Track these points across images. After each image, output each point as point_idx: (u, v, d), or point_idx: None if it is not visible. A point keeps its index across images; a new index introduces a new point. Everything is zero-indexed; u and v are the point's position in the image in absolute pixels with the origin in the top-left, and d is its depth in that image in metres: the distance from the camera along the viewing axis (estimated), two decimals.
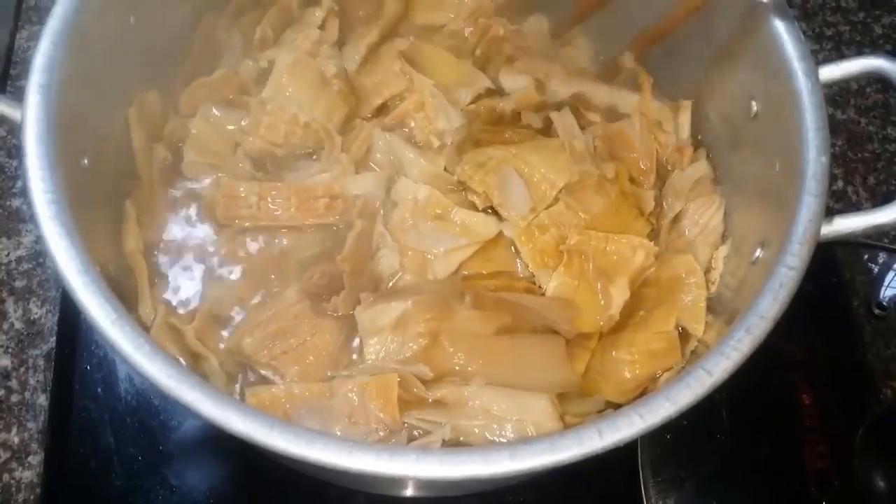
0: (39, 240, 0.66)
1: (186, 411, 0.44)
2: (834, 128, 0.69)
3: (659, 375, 0.60)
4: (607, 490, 0.69)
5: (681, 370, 0.58)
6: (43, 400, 0.72)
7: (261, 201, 0.63)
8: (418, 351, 0.57)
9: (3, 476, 0.69)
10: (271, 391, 0.55)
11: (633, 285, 0.63)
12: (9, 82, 0.87)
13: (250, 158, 0.66)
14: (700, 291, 0.63)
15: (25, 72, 0.53)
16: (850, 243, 0.78)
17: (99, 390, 0.72)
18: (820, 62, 0.58)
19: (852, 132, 0.91)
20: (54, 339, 0.74)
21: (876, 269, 0.79)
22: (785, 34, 0.59)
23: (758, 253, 0.58)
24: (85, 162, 0.56)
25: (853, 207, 0.86)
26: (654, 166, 0.69)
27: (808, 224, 0.52)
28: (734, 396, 0.65)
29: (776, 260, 0.51)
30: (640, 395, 0.57)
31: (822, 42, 0.97)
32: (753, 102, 0.62)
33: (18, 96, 0.52)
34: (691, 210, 0.67)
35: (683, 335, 0.62)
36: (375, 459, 0.42)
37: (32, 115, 0.51)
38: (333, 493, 0.69)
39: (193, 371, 0.51)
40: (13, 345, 0.75)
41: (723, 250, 0.65)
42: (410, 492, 0.66)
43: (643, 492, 0.66)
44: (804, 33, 0.59)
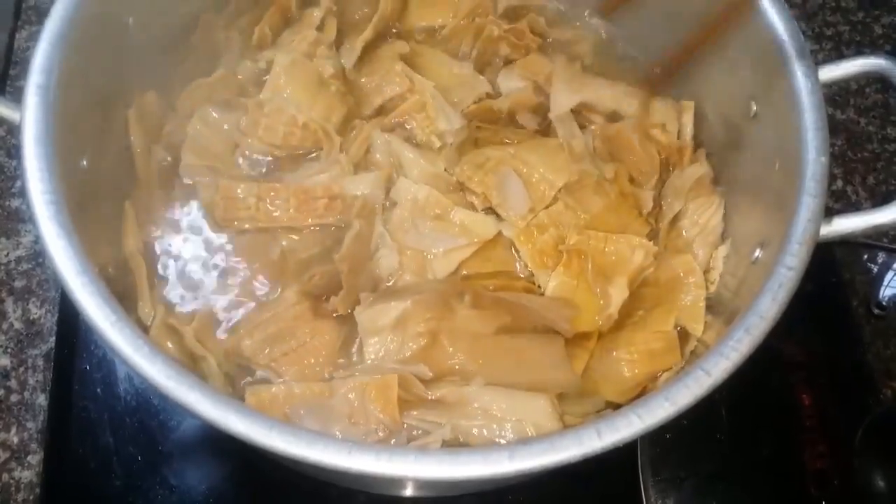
0: (38, 240, 0.66)
1: (186, 412, 0.44)
2: (833, 128, 0.69)
3: (658, 375, 0.60)
4: (607, 490, 0.69)
5: (680, 370, 0.59)
6: (42, 400, 0.72)
7: (259, 202, 0.63)
8: (418, 351, 0.57)
9: (3, 476, 0.69)
10: (271, 391, 0.55)
11: (632, 285, 0.63)
12: (8, 83, 0.87)
13: (249, 159, 0.66)
14: (699, 291, 0.63)
15: (24, 72, 0.53)
16: (850, 243, 0.79)
17: (98, 390, 0.72)
18: (819, 62, 0.58)
19: (852, 132, 0.91)
20: (54, 339, 0.74)
21: (875, 269, 0.79)
22: (785, 34, 0.59)
23: (757, 253, 0.58)
24: (84, 163, 0.56)
25: (852, 207, 0.86)
26: (657, 167, 0.69)
27: (808, 224, 0.52)
28: (734, 396, 0.65)
29: (775, 260, 0.51)
30: (640, 395, 0.57)
31: (822, 42, 0.97)
32: (753, 102, 0.62)
33: (17, 97, 0.52)
34: (690, 210, 0.67)
35: (683, 335, 0.62)
36: (375, 460, 0.42)
37: (31, 116, 0.51)
38: (333, 493, 0.69)
39: (192, 372, 0.51)
40: (13, 345, 0.75)
41: (722, 250, 0.65)
42: (410, 492, 0.66)
43: (643, 492, 0.66)
44: (804, 33, 0.59)
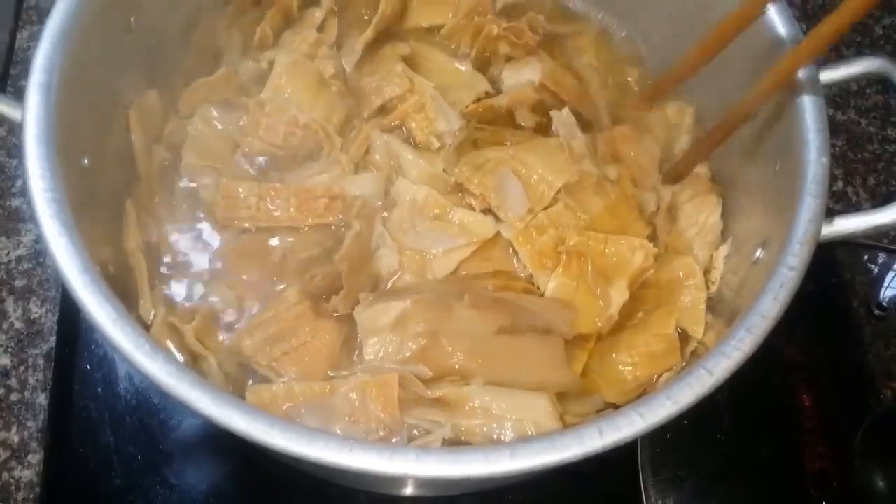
0: (39, 239, 0.66)
1: (187, 410, 0.44)
2: (834, 128, 0.69)
3: (659, 377, 0.60)
4: (607, 489, 0.69)
5: (680, 371, 0.58)
6: (43, 399, 0.72)
7: (260, 202, 0.63)
8: (417, 350, 0.57)
9: (3, 475, 0.69)
10: (271, 390, 0.55)
11: (633, 286, 0.63)
12: (9, 82, 0.87)
13: (249, 159, 0.66)
14: (699, 294, 0.63)
15: (26, 72, 0.53)
16: (850, 244, 0.79)
17: (99, 389, 0.72)
18: (820, 63, 0.58)
19: (852, 133, 0.91)
20: (54, 339, 0.74)
21: (876, 270, 0.79)
22: (785, 35, 0.59)
23: (758, 253, 0.58)
24: (85, 162, 0.56)
25: (853, 208, 0.86)
26: (657, 167, 0.69)
27: (809, 224, 0.52)
28: (734, 396, 0.66)
29: (777, 260, 0.51)
30: (640, 397, 0.57)
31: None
32: None
33: (19, 96, 0.52)
34: (689, 210, 0.67)
35: (683, 337, 0.61)
36: (376, 458, 0.42)
37: (33, 115, 0.51)
38: (334, 492, 0.69)
39: (193, 370, 0.51)
40: (13, 344, 0.75)
41: (723, 250, 0.65)
42: (410, 491, 0.66)
43: (643, 491, 0.66)
44: (804, 34, 0.59)
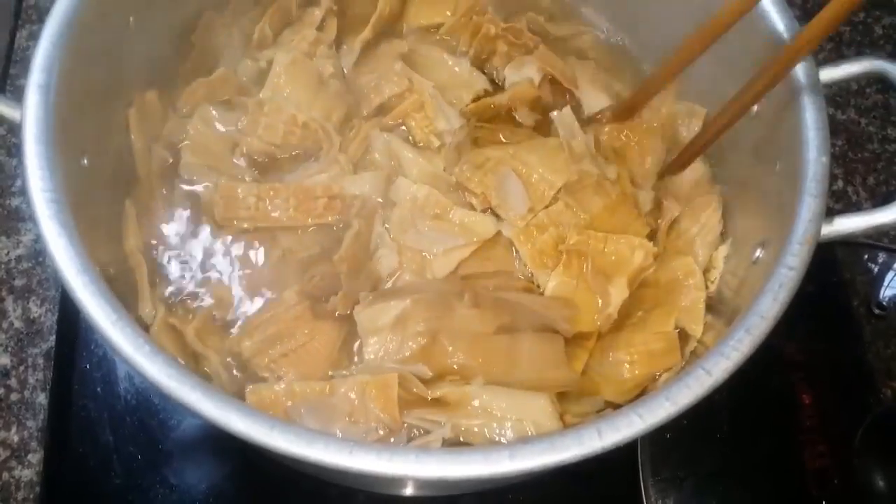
0: (39, 238, 0.66)
1: (187, 411, 0.44)
2: (834, 128, 0.69)
3: (658, 376, 0.60)
4: (607, 489, 0.69)
5: (680, 370, 0.58)
6: (42, 398, 0.72)
7: (259, 202, 0.63)
8: (417, 350, 0.57)
9: (3, 474, 0.69)
10: (272, 389, 0.55)
11: (632, 285, 0.63)
12: (8, 81, 0.87)
13: (248, 159, 0.66)
14: (699, 293, 0.63)
15: (25, 71, 0.53)
16: (850, 243, 0.78)
17: (98, 389, 0.72)
18: (820, 62, 0.58)
19: (852, 132, 0.91)
20: (54, 338, 0.74)
21: (876, 269, 0.78)
22: (785, 34, 0.59)
23: (758, 253, 0.58)
24: (84, 161, 0.56)
25: (853, 207, 0.86)
26: (658, 167, 0.69)
27: (809, 224, 0.52)
28: (734, 396, 0.65)
29: (776, 260, 0.51)
30: (639, 396, 0.57)
31: (823, 42, 0.97)
32: (754, 104, 0.62)
33: (18, 96, 0.52)
34: (689, 210, 0.67)
35: (682, 336, 0.61)
36: (376, 459, 0.42)
37: (32, 115, 0.51)
38: (333, 492, 0.69)
39: (193, 371, 0.51)
40: (13, 343, 0.75)
41: (723, 250, 0.65)
42: (410, 491, 0.66)
43: (643, 491, 0.66)
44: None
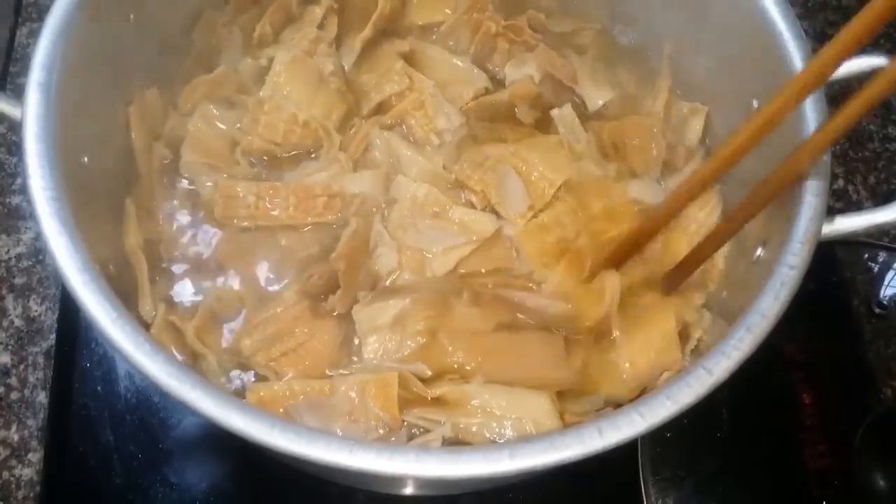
0: (39, 237, 0.66)
1: (187, 410, 0.44)
2: None
3: (658, 375, 0.60)
4: (607, 489, 0.69)
5: (680, 369, 0.58)
6: (43, 397, 0.72)
7: (259, 201, 0.63)
8: (417, 349, 0.57)
9: (3, 473, 0.69)
10: (272, 388, 0.55)
11: (633, 286, 0.63)
12: (8, 79, 0.87)
13: (248, 158, 0.66)
14: (699, 292, 0.63)
15: (25, 69, 0.53)
16: (851, 242, 0.78)
17: (98, 388, 0.72)
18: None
19: (853, 131, 0.91)
20: (54, 337, 0.74)
21: (876, 269, 0.78)
22: (786, 32, 0.59)
23: (759, 252, 0.58)
24: (85, 160, 0.56)
25: (854, 206, 0.86)
26: (659, 165, 0.69)
27: (809, 223, 0.52)
28: (735, 395, 0.65)
29: (777, 259, 0.51)
30: (640, 395, 0.57)
31: (824, 41, 0.96)
32: (755, 101, 0.62)
33: (18, 94, 0.52)
34: (688, 209, 0.66)
35: (683, 334, 0.61)
36: (376, 458, 0.42)
37: (32, 113, 0.51)
38: (333, 491, 0.69)
39: (193, 370, 0.51)
40: (13, 342, 0.75)
41: (723, 249, 0.65)
42: (410, 490, 0.66)
43: (643, 490, 0.66)
44: (805, 32, 0.59)
